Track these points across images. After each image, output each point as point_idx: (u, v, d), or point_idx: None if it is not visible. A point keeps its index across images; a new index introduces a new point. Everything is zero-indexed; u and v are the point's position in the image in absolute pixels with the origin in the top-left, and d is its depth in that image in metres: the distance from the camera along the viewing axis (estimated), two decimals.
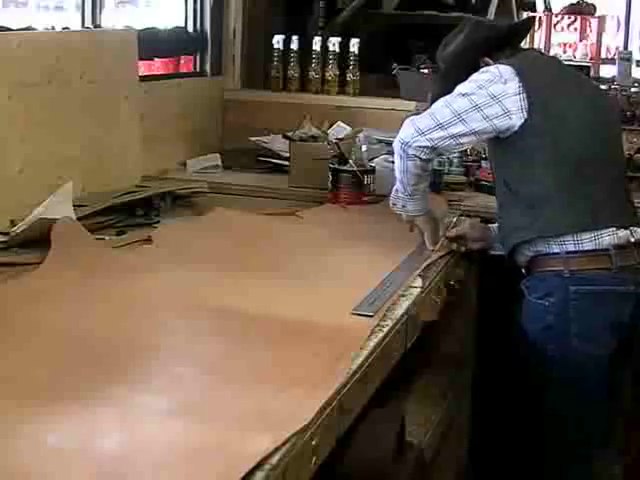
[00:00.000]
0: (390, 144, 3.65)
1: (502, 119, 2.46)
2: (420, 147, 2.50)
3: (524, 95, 2.45)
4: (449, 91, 2.55)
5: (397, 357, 2.08)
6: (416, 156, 2.51)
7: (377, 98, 3.95)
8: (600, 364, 2.53)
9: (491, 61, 2.59)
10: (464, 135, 2.49)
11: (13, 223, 2.45)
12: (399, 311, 2.09)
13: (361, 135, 3.29)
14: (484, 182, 3.22)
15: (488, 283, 3.13)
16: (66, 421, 1.45)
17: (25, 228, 2.38)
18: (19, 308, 1.94)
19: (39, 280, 2.14)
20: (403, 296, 2.19)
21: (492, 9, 4.72)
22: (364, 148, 3.14)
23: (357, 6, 4.58)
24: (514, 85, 2.45)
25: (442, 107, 2.50)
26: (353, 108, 3.90)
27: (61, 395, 1.54)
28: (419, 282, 2.31)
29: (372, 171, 3.09)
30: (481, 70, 2.53)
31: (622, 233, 2.49)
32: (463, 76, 2.55)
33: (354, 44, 3.95)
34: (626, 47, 4.84)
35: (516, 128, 2.47)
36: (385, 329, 1.96)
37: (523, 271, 2.64)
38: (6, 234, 2.40)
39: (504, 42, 2.66)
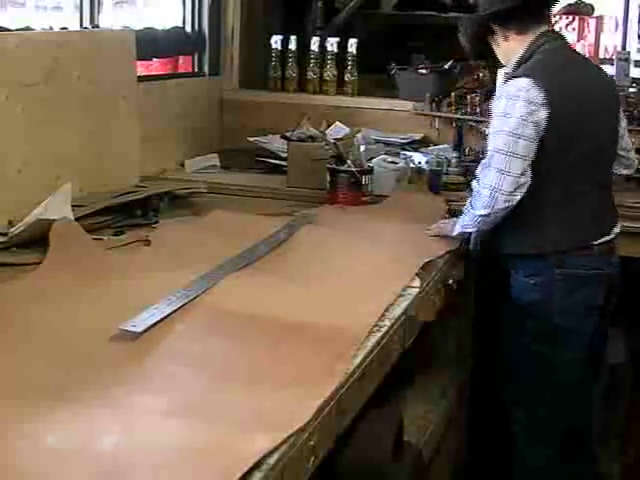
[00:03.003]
0: (388, 144, 3.67)
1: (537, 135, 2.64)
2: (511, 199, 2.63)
3: (548, 117, 2.62)
4: (468, 46, 2.88)
5: (395, 357, 2.08)
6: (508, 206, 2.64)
7: (375, 98, 3.95)
8: (580, 339, 2.77)
9: (499, 29, 2.77)
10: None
11: (11, 223, 2.45)
12: (397, 311, 2.09)
13: (359, 135, 3.30)
14: None
15: (486, 283, 3.14)
16: (66, 421, 1.45)
17: (24, 229, 2.38)
18: (18, 308, 1.94)
19: (38, 280, 2.14)
20: (402, 296, 2.19)
21: None
22: (362, 148, 3.14)
23: (355, 6, 4.57)
24: (544, 113, 2.61)
25: (508, 159, 2.62)
26: (351, 108, 3.90)
27: (60, 395, 1.54)
28: (417, 282, 2.31)
29: (370, 171, 3.09)
30: (513, 95, 2.64)
31: (605, 238, 2.76)
32: (475, 37, 2.84)
33: (352, 44, 3.95)
34: (624, 47, 4.83)
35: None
36: (384, 329, 1.96)
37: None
38: (5, 234, 2.40)
39: (510, 16, 2.77)
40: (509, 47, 2.78)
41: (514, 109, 2.61)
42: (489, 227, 2.72)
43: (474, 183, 2.71)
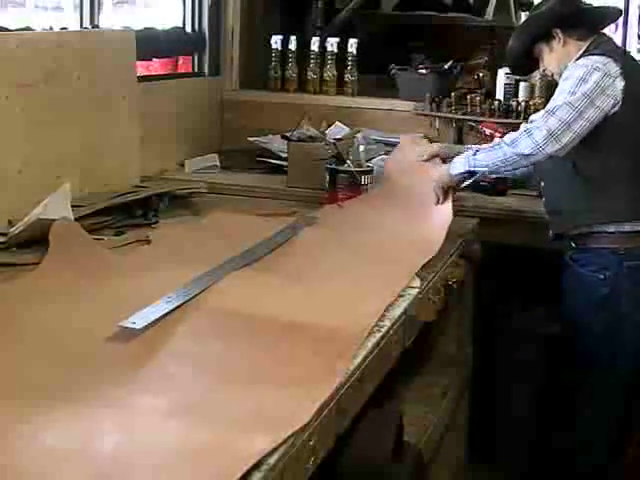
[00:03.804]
0: (388, 144, 3.67)
1: (612, 108, 2.72)
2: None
3: (624, 89, 2.72)
4: (518, 48, 2.92)
5: (395, 357, 2.08)
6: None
7: (375, 98, 3.95)
8: None
9: (560, 34, 2.84)
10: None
11: (11, 223, 2.45)
12: (397, 311, 2.09)
13: (359, 135, 3.29)
14: (482, 182, 3.21)
15: (486, 283, 3.14)
16: (65, 421, 1.45)
17: (24, 228, 2.38)
18: (17, 308, 1.94)
19: (38, 280, 2.14)
20: (402, 296, 2.19)
21: (490, 10, 4.72)
22: (362, 148, 3.13)
23: (355, 6, 4.57)
24: (620, 84, 2.71)
25: (572, 113, 2.67)
26: (351, 108, 3.90)
27: (60, 395, 1.54)
28: (417, 282, 2.31)
29: (370, 171, 3.08)
30: (591, 66, 2.72)
31: None
32: (530, 39, 2.89)
33: (352, 44, 3.95)
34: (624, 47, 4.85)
35: (609, 114, 2.73)
36: (383, 329, 1.96)
37: (572, 244, 2.89)
38: (5, 234, 2.40)
39: (578, 21, 2.85)
40: (566, 52, 2.85)
41: (591, 76, 2.70)
42: (508, 170, 2.80)
43: (525, 124, 2.79)
